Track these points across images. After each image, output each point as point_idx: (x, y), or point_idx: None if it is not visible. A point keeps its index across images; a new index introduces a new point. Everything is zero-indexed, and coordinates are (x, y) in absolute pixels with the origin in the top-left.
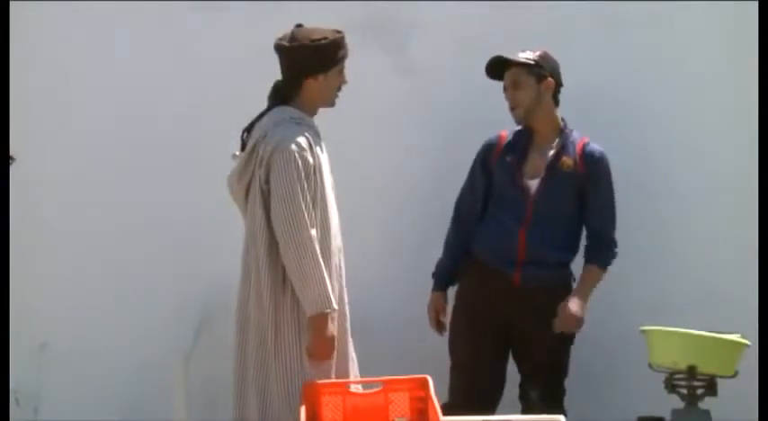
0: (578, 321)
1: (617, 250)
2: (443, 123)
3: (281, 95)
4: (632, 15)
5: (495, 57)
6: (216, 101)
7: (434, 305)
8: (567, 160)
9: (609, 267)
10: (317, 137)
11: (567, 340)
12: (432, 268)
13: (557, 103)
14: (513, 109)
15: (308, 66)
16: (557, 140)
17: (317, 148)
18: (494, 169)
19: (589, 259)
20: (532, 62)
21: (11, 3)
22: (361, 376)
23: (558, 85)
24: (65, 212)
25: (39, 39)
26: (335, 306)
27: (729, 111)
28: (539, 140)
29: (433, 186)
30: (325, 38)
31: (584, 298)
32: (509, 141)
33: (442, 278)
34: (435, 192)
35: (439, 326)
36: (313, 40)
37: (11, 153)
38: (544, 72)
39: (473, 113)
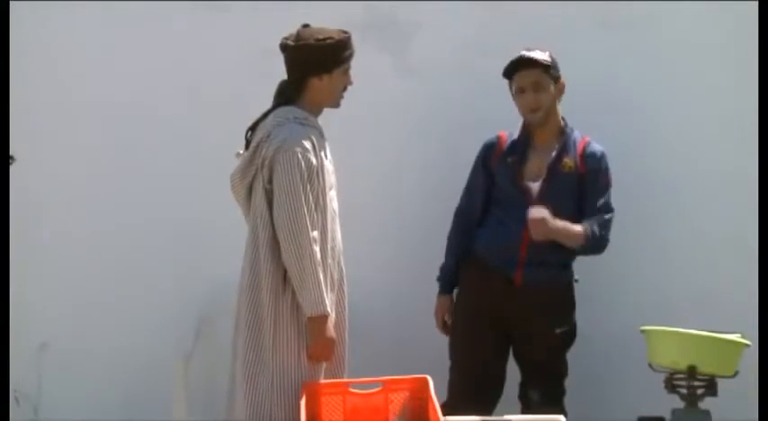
0: (544, 224)
1: (605, 243)
2: (443, 123)
3: (286, 95)
4: (632, 15)
5: (520, 56)
6: (216, 101)
7: (441, 308)
8: (568, 161)
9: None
10: (321, 137)
11: (567, 340)
12: (432, 267)
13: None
14: (533, 111)
15: (313, 65)
16: (558, 141)
17: (321, 150)
18: (495, 170)
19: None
20: (549, 63)
21: (11, 3)
22: (362, 376)
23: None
24: (65, 212)
25: (39, 39)
26: (329, 310)
27: (729, 111)
28: (540, 141)
29: (433, 186)
30: (330, 38)
31: (558, 225)
32: (509, 142)
33: (447, 281)
34: (435, 191)
35: (445, 329)
36: (318, 40)
37: (11, 153)
38: (558, 73)
39: (473, 113)
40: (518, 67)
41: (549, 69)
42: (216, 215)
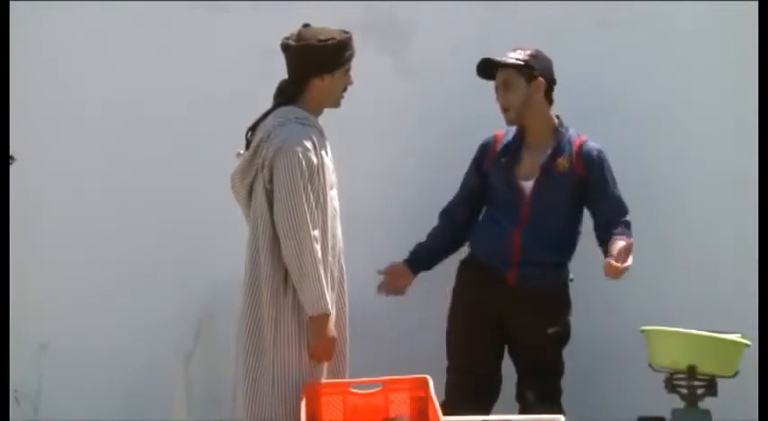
0: (615, 270)
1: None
2: (443, 123)
3: (286, 95)
4: (632, 15)
5: (483, 59)
6: (216, 101)
7: (391, 268)
8: (562, 161)
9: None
10: (321, 137)
11: (560, 340)
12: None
13: (550, 101)
14: (504, 110)
15: (315, 66)
16: (551, 140)
17: (322, 149)
18: (489, 170)
19: (614, 234)
20: (521, 63)
21: (11, 3)
22: (361, 376)
23: (551, 83)
24: (65, 212)
25: (39, 39)
26: (331, 309)
27: (729, 111)
28: (532, 140)
29: (432, 186)
30: (332, 38)
31: (627, 263)
32: (503, 142)
33: (412, 251)
34: (435, 192)
35: (383, 287)
36: (320, 40)
37: (11, 153)
38: (534, 72)
39: (473, 113)
40: (485, 68)
41: (520, 69)
42: (216, 215)
